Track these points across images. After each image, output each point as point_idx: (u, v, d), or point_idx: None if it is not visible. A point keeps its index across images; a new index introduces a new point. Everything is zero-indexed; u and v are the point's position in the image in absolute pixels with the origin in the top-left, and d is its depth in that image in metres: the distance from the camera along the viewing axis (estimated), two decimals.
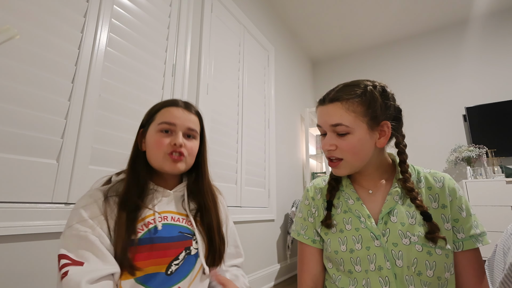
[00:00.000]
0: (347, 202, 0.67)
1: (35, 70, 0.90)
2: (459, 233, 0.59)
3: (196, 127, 0.69)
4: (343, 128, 0.60)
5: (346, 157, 0.62)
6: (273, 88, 2.56)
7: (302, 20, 2.97)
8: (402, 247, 0.56)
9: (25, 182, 0.85)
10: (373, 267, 0.58)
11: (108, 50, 1.14)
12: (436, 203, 0.61)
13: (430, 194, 0.62)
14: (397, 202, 0.62)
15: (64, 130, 0.96)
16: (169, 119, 0.65)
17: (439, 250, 0.55)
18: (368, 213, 0.62)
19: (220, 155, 1.75)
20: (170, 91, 1.43)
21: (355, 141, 0.60)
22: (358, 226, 0.62)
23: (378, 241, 0.59)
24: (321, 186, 0.75)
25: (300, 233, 0.72)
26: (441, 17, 2.92)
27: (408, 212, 0.60)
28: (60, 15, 0.99)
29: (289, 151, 2.82)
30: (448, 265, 0.55)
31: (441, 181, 0.63)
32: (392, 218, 0.60)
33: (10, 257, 0.80)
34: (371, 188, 0.67)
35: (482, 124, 2.61)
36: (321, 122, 0.65)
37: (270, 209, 2.28)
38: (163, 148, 0.64)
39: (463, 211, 0.59)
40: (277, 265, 2.29)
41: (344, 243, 0.62)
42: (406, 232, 0.57)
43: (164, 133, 0.65)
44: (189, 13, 1.61)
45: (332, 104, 0.62)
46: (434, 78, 3.00)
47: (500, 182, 2.19)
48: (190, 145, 0.67)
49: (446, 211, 0.59)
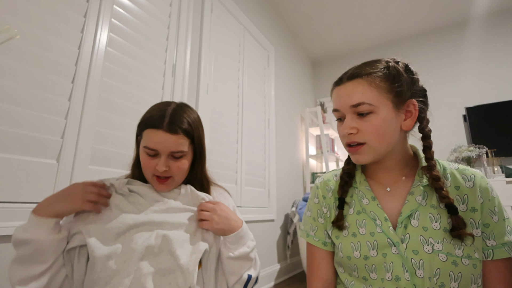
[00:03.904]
0: (361, 202, 0.59)
1: (35, 70, 0.90)
2: (489, 240, 0.51)
3: (181, 148, 0.64)
4: (366, 107, 0.53)
5: (369, 140, 0.54)
6: (273, 88, 2.56)
7: (302, 20, 2.97)
8: (424, 255, 0.50)
9: (25, 182, 0.85)
10: (390, 276, 0.51)
11: (108, 50, 1.14)
12: (464, 205, 0.53)
13: (458, 195, 0.54)
14: (420, 204, 0.54)
15: (64, 130, 0.96)
16: (151, 145, 0.62)
17: (466, 260, 0.48)
18: (385, 216, 0.55)
19: (220, 155, 1.75)
20: (170, 91, 1.43)
21: (379, 121, 0.53)
22: (373, 230, 0.55)
23: (396, 248, 0.52)
24: (332, 182, 0.67)
25: (310, 234, 0.65)
26: (441, 17, 2.92)
27: (432, 215, 0.52)
28: (60, 15, 0.99)
29: (289, 151, 2.82)
30: (475, 276, 0.49)
31: (471, 180, 0.54)
32: (413, 221, 0.53)
33: (10, 257, 0.80)
34: (389, 185, 0.59)
35: (482, 124, 2.61)
36: (339, 104, 0.57)
37: (270, 209, 2.28)
38: (150, 170, 0.64)
39: (495, 214, 0.52)
40: (277, 265, 2.29)
41: (357, 248, 0.56)
42: (428, 238, 0.50)
43: (149, 157, 0.64)
44: (189, 13, 1.61)
45: (352, 81, 0.55)
46: (434, 78, 3.00)
47: (500, 182, 2.19)
48: (176, 165, 0.65)
49: (476, 215, 0.51)
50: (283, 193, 2.55)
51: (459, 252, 0.49)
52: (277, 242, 2.35)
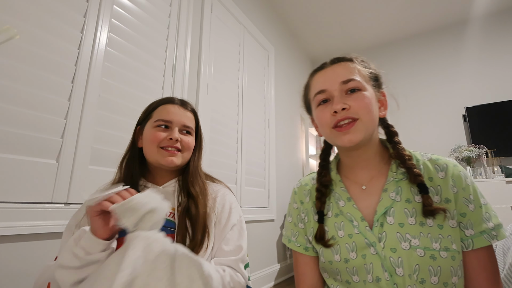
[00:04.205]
0: (338, 204, 0.58)
1: (35, 70, 0.90)
2: (468, 229, 0.50)
3: (191, 124, 0.71)
4: (356, 83, 0.54)
5: (362, 115, 0.52)
6: (273, 88, 2.56)
7: (302, 20, 2.97)
8: (402, 252, 0.49)
9: (25, 182, 0.85)
10: (371, 278, 0.51)
11: (108, 50, 1.14)
12: (438, 197, 0.52)
13: (432, 186, 0.53)
14: (394, 200, 0.53)
15: (64, 130, 0.96)
16: (166, 117, 0.67)
17: (444, 252, 0.47)
18: (362, 216, 0.54)
19: (220, 155, 1.75)
20: (170, 91, 1.43)
21: (369, 97, 0.54)
22: (351, 232, 0.55)
23: (373, 248, 0.51)
24: (309, 186, 0.66)
25: (291, 240, 0.65)
26: (441, 17, 2.92)
27: (407, 210, 0.51)
28: (60, 15, 0.99)
29: (289, 151, 2.82)
30: (455, 268, 0.48)
31: (443, 170, 0.53)
32: (389, 219, 0.52)
33: (10, 257, 0.80)
34: (364, 182, 0.58)
35: (482, 124, 2.61)
36: (326, 84, 0.56)
37: (270, 209, 2.28)
38: (160, 141, 0.65)
39: (471, 203, 0.51)
40: (277, 265, 2.30)
41: (337, 252, 0.55)
42: (405, 234, 0.50)
43: (161, 128, 0.67)
44: (189, 13, 1.61)
45: (338, 64, 0.57)
46: (434, 78, 3.00)
47: (500, 182, 2.19)
48: (186, 140, 0.69)
49: (450, 206, 0.50)
50: (283, 193, 2.55)
51: (436, 245, 0.48)
52: (277, 242, 2.35)
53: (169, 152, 0.66)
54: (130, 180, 0.66)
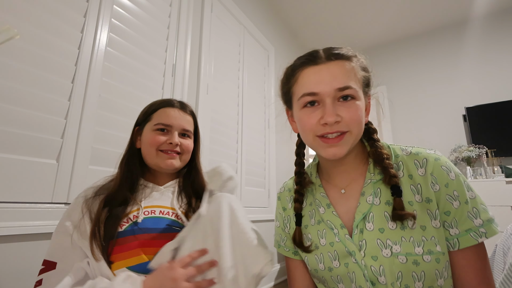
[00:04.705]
0: (319, 211, 0.56)
1: (35, 70, 0.90)
2: (452, 228, 0.47)
3: (190, 127, 0.71)
4: (351, 91, 0.48)
5: (352, 128, 0.48)
6: (273, 88, 2.56)
7: (302, 20, 2.97)
8: (383, 260, 0.46)
9: (25, 182, 0.85)
10: (354, 287, 0.49)
11: (108, 50, 1.14)
12: (419, 196, 0.48)
13: (412, 185, 0.49)
14: (372, 204, 0.50)
15: (64, 130, 0.96)
16: (165, 121, 0.67)
17: (427, 256, 0.45)
18: (341, 223, 0.51)
19: (220, 155, 1.75)
20: (170, 91, 1.43)
21: (360, 107, 0.49)
22: (332, 240, 0.52)
23: (354, 257, 0.49)
24: (292, 192, 0.63)
25: (281, 245, 0.64)
26: (441, 17, 2.92)
27: (387, 213, 0.48)
28: (60, 15, 0.99)
29: (289, 151, 2.82)
30: (440, 271, 0.45)
31: (423, 166, 0.49)
32: (368, 225, 0.49)
33: (10, 257, 0.80)
34: (343, 186, 0.55)
35: (482, 124, 2.61)
36: (319, 87, 0.48)
37: (270, 209, 2.28)
38: (159, 145, 0.66)
39: (455, 199, 0.46)
40: (277, 265, 2.30)
41: (321, 261, 0.53)
42: (386, 240, 0.47)
43: (161, 132, 0.67)
44: (189, 13, 1.61)
45: (337, 62, 0.49)
46: (434, 78, 3.00)
47: (500, 182, 2.19)
48: (186, 143, 0.69)
49: (431, 206, 0.47)
50: None
51: (419, 249, 0.45)
52: None
53: (169, 155, 0.66)
54: (130, 180, 0.66)
